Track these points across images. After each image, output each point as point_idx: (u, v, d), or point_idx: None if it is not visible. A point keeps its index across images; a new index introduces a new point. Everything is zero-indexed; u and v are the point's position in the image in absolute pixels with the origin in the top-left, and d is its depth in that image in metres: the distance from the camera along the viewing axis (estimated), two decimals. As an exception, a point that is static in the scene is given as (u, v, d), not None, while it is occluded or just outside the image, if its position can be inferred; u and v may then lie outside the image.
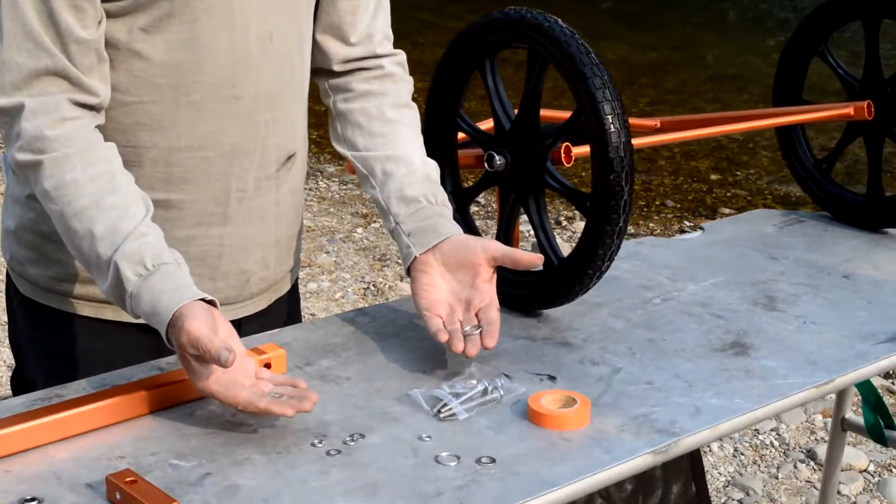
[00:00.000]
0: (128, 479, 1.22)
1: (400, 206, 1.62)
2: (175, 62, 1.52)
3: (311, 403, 1.35)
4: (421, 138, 1.71)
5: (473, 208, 5.08)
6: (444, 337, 1.52)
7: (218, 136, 1.58)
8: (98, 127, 1.49)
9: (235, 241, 1.66)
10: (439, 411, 1.43)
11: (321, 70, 1.73)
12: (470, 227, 1.83)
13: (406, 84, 1.75)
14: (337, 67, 1.71)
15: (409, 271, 1.60)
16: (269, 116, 1.62)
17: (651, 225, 5.81)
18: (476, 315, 1.56)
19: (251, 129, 1.61)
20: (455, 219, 1.63)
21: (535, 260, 1.57)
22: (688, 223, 5.80)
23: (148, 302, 1.39)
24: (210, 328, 1.36)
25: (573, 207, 5.94)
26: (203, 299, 1.40)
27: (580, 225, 5.56)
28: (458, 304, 1.57)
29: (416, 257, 1.59)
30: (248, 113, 1.60)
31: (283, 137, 1.66)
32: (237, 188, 1.63)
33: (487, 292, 1.57)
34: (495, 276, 1.59)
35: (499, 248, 1.57)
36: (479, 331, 1.53)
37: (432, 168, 1.68)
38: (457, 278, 1.58)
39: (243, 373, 1.39)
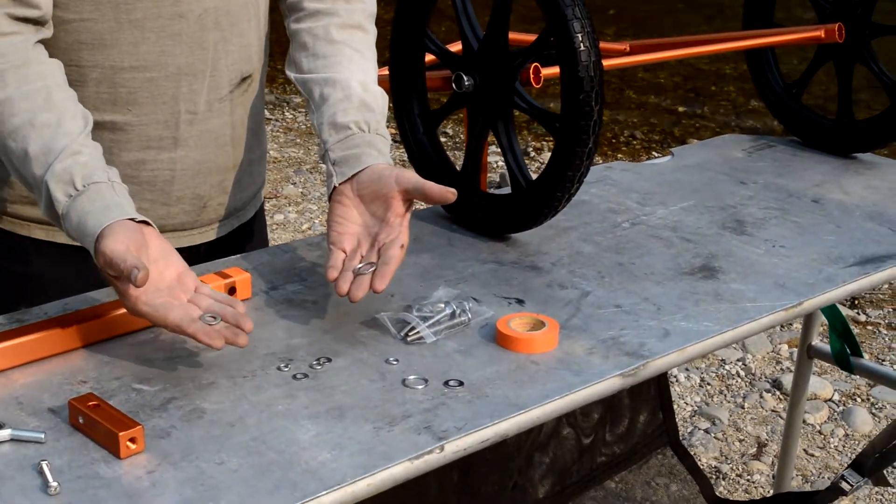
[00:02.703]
0: (91, 403, 1.20)
1: (330, 132, 1.54)
2: None
3: (245, 338, 1.30)
4: (369, 63, 1.63)
5: (441, 139, 5.06)
6: (332, 275, 1.43)
7: (163, 56, 1.54)
8: (44, 44, 1.44)
9: (188, 166, 1.63)
10: (406, 335, 1.42)
11: None
12: (437, 150, 1.81)
13: (361, 4, 1.66)
14: None
15: (330, 200, 1.53)
16: (217, 36, 1.58)
17: (619, 156, 5.80)
18: (379, 251, 1.47)
19: (199, 50, 1.56)
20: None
21: (445, 193, 1.46)
22: (656, 154, 5.80)
23: (76, 224, 1.33)
24: (130, 246, 1.29)
25: (541, 138, 5.93)
26: (134, 219, 1.34)
27: (548, 156, 5.55)
28: (366, 239, 1.49)
29: (335, 187, 1.51)
30: (194, 33, 1.55)
31: (235, 58, 1.61)
32: (186, 110, 1.59)
33: (396, 227, 1.47)
34: (410, 211, 1.50)
35: (412, 180, 1.47)
36: (371, 270, 1.43)
37: (374, 95, 1.59)
38: (370, 211, 1.49)
39: (182, 288, 1.34)
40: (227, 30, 1.59)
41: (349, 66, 1.60)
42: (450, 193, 1.46)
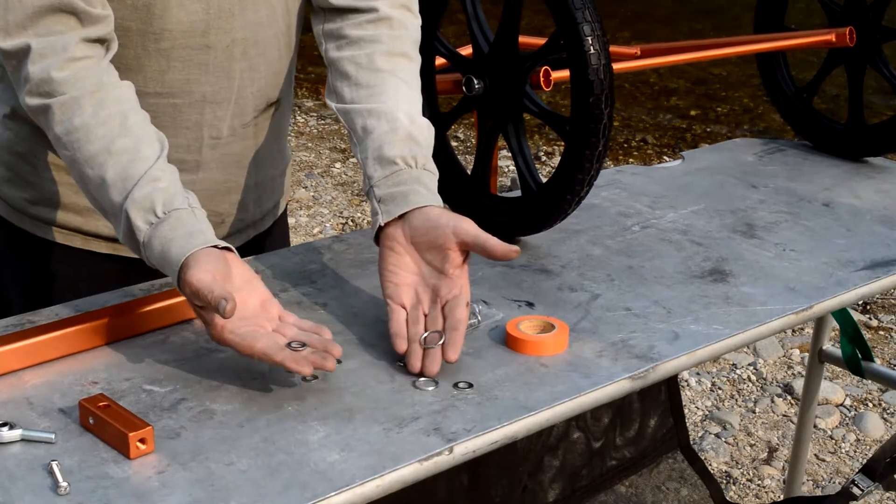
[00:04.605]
0: (101, 404, 1.20)
1: (375, 167, 1.46)
2: (144, 6, 1.45)
3: (332, 362, 1.26)
4: (415, 93, 1.55)
5: (452, 143, 5.06)
6: (401, 347, 1.36)
7: (188, 84, 1.53)
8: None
9: (208, 186, 1.62)
10: (417, 337, 1.42)
11: (316, 11, 1.61)
12: (448, 153, 1.81)
13: (406, 31, 1.57)
14: (327, 4, 1.58)
15: (377, 242, 1.45)
16: (244, 65, 1.56)
17: (630, 160, 5.80)
18: (443, 309, 1.39)
19: (225, 79, 1.55)
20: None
21: (508, 252, 1.37)
22: (667, 158, 5.80)
23: (158, 251, 1.32)
24: (216, 276, 1.28)
25: (553, 143, 5.93)
26: (216, 246, 1.33)
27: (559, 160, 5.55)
28: (424, 291, 1.41)
29: (381, 227, 1.43)
30: (222, 62, 1.54)
31: (261, 86, 1.60)
32: (210, 136, 1.58)
33: (457, 281, 1.40)
34: (468, 261, 1.42)
35: (471, 234, 1.38)
36: (441, 341, 1.35)
37: (421, 127, 1.50)
38: (426, 260, 1.41)
39: (266, 317, 1.33)
40: (254, 59, 1.57)
41: (394, 97, 1.51)
42: (513, 252, 1.38)
